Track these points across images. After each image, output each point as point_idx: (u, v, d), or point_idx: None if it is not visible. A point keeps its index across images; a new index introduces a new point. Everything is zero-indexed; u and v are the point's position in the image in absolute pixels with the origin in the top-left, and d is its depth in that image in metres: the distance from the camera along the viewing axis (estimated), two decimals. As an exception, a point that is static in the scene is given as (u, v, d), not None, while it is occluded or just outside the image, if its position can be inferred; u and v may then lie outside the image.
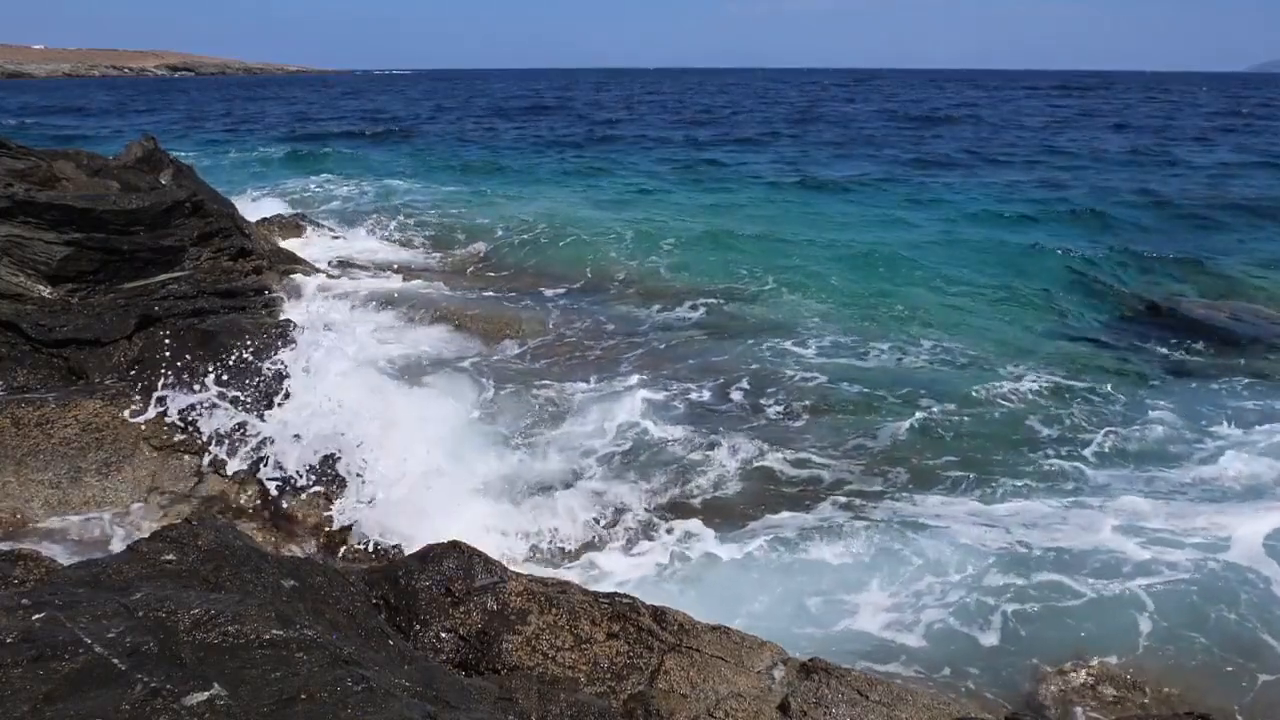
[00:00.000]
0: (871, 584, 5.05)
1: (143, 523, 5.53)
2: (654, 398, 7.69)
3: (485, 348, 8.80)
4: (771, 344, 9.09)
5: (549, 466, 6.48)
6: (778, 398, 7.73)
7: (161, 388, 6.20)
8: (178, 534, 3.48)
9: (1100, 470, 6.49)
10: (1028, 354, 9.03)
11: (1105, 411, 7.51)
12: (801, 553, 5.38)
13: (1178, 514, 5.80)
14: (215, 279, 8.02)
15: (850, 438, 7.02)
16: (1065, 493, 6.15)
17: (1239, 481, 6.30)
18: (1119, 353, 9.30)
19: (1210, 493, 6.16)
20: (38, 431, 5.87)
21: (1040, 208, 17.57)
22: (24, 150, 8.07)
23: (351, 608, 3.52)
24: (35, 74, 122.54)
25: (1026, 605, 4.83)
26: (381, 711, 2.51)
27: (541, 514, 5.86)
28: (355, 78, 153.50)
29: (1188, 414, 7.43)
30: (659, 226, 15.56)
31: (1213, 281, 11.75)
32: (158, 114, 48.41)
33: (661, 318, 10.16)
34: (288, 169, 23.23)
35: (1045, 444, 6.91)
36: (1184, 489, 6.22)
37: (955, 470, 6.51)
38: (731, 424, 7.27)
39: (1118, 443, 6.92)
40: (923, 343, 9.28)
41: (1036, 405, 7.64)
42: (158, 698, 2.44)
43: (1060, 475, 6.43)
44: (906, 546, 5.37)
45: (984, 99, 62.38)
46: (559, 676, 3.77)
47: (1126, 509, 5.87)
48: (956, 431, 7.13)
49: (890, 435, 7.02)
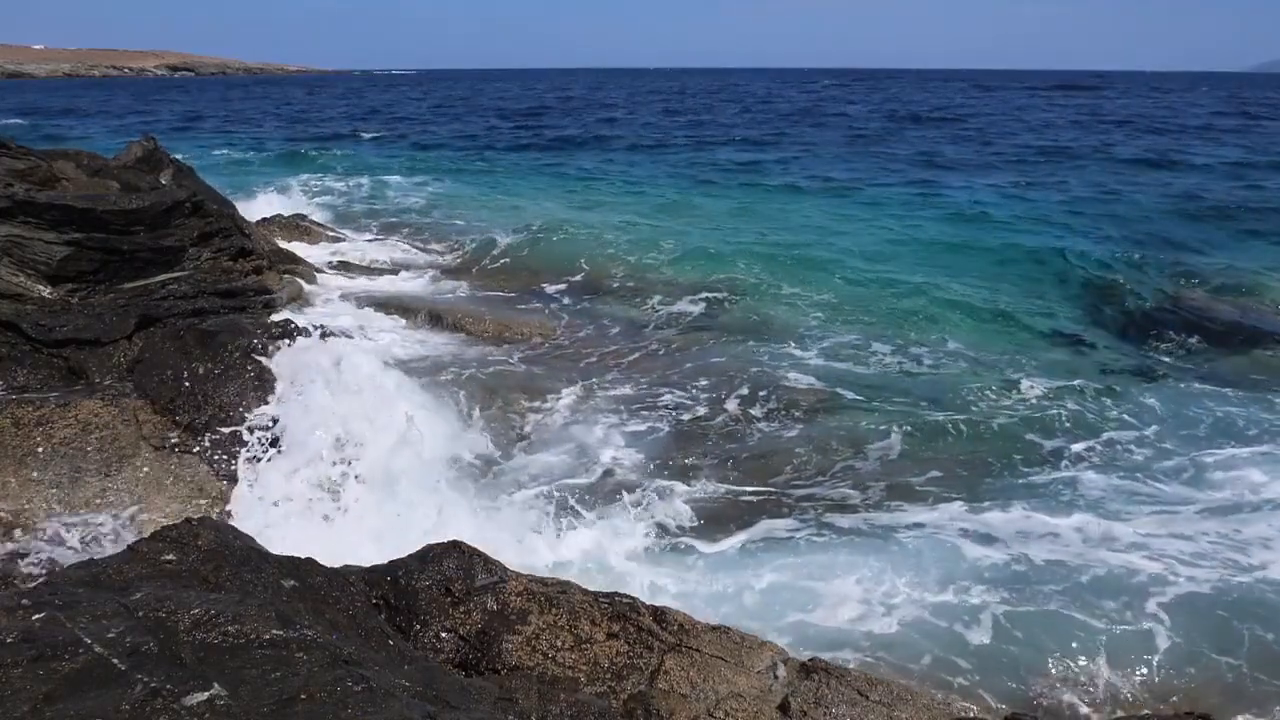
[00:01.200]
0: (865, 587, 5.04)
1: (143, 523, 5.53)
2: (652, 400, 7.69)
3: (482, 350, 8.79)
4: (770, 347, 9.08)
5: (533, 474, 6.43)
6: (771, 403, 7.68)
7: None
8: (178, 534, 3.49)
9: (1100, 476, 6.45)
10: (1030, 356, 9.01)
11: (1105, 415, 7.48)
12: (794, 555, 5.37)
13: (1178, 521, 5.80)
14: (215, 279, 8.01)
15: (846, 444, 6.95)
16: (1063, 499, 6.12)
17: (1239, 488, 6.28)
18: (1121, 354, 9.30)
19: (1210, 498, 6.14)
20: (38, 431, 5.87)
21: (1044, 208, 17.57)
22: (24, 150, 8.08)
23: (351, 608, 3.52)
24: (35, 74, 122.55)
25: (1024, 609, 4.83)
26: (381, 711, 2.51)
27: (527, 514, 5.85)
28: (355, 78, 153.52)
29: (1189, 418, 7.40)
30: (659, 226, 15.58)
31: (1228, 282, 11.68)
32: (157, 114, 48.43)
33: (660, 318, 10.15)
34: (287, 169, 23.23)
35: (1045, 450, 6.86)
36: (1186, 495, 6.21)
37: (951, 476, 6.45)
38: (725, 430, 7.24)
39: (1116, 448, 6.89)
40: (922, 345, 9.26)
41: (1039, 409, 7.58)
42: (158, 698, 2.44)
43: (1060, 482, 6.38)
44: (901, 551, 5.36)
45: (984, 99, 62.38)
46: (559, 676, 3.77)
47: (1128, 516, 5.87)
48: (957, 437, 7.09)
49: (889, 441, 6.96)
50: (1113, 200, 18.42)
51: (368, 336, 8.54)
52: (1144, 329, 10.01)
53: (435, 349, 8.68)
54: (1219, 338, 9.56)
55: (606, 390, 7.89)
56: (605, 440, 6.95)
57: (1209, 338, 9.57)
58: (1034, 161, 25.06)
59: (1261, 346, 9.27)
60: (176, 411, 6.28)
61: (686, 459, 6.70)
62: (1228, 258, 13.17)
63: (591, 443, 6.88)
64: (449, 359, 8.38)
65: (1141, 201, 18.27)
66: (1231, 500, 6.05)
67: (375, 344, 8.28)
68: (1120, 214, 16.90)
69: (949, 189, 20.03)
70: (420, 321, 9.49)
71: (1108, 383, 8.16)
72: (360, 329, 8.63)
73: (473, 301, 10.75)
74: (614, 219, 15.86)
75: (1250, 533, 5.56)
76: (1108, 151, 27.30)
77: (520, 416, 7.34)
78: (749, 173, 23.34)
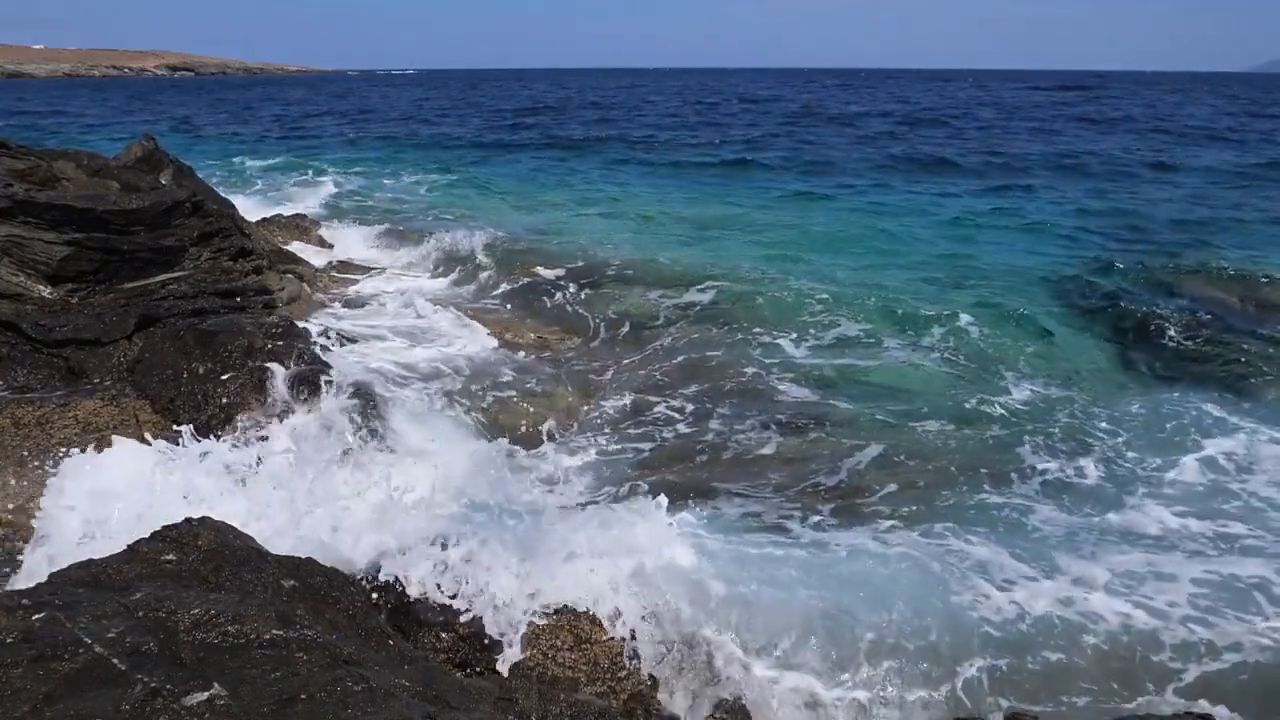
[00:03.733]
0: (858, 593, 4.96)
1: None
2: (653, 404, 7.68)
3: (480, 352, 8.79)
4: (762, 344, 9.10)
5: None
6: (760, 406, 7.62)
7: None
8: (178, 534, 3.49)
9: (1097, 484, 6.40)
10: (1032, 358, 8.98)
11: (1094, 425, 7.41)
12: (786, 558, 5.30)
13: (1177, 524, 5.80)
14: (215, 279, 8.02)
15: (840, 450, 6.84)
16: (1063, 505, 6.08)
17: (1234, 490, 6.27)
18: (1123, 356, 9.29)
19: (1207, 503, 6.13)
20: (38, 431, 5.87)
21: (1044, 208, 17.57)
22: (24, 150, 8.08)
23: (351, 608, 3.52)
24: (35, 74, 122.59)
25: (1027, 608, 4.81)
26: (381, 711, 2.51)
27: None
28: (356, 78, 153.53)
29: (1190, 423, 7.36)
30: (658, 226, 15.58)
31: (1237, 283, 11.64)
32: (157, 114, 48.41)
33: (658, 316, 10.13)
34: (286, 169, 23.23)
35: (1040, 458, 6.76)
36: (1187, 498, 6.20)
37: (940, 483, 6.35)
38: (719, 433, 7.19)
39: (1111, 453, 6.85)
40: (921, 345, 9.24)
41: (1036, 413, 7.56)
42: (158, 698, 2.44)
43: (1056, 488, 6.32)
44: (882, 564, 5.23)
45: (986, 99, 62.34)
46: (559, 676, 3.77)
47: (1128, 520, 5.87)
48: (956, 440, 7.02)
49: (874, 451, 6.81)
50: (1113, 202, 18.42)
51: (363, 339, 8.54)
52: (1152, 332, 9.92)
53: (433, 353, 8.64)
54: (1232, 340, 9.46)
55: (603, 396, 7.87)
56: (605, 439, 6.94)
57: (1218, 339, 9.48)
58: (1034, 162, 25.04)
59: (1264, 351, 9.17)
60: (176, 411, 6.28)
61: (686, 472, 6.58)
62: (1234, 253, 13.15)
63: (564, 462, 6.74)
64: (450, 359, 8.37)
65: (1143, 201, 18.26)
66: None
67: (380, 352, 8.26)
68: (1122, 213, 16.89)
69: (951, 190, 20.02)
70: (418, 319, 9.48)
71: (1102, 389, 8.15)
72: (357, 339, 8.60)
73: (469, 301, 10.75)
74: (613, 217, 15.87)
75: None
76: (1108, 151, 27.30)
77: (520, 418, 7.34)
78: (749, 172, 23.34)
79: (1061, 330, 10.03)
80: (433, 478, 5.56)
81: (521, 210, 17.19)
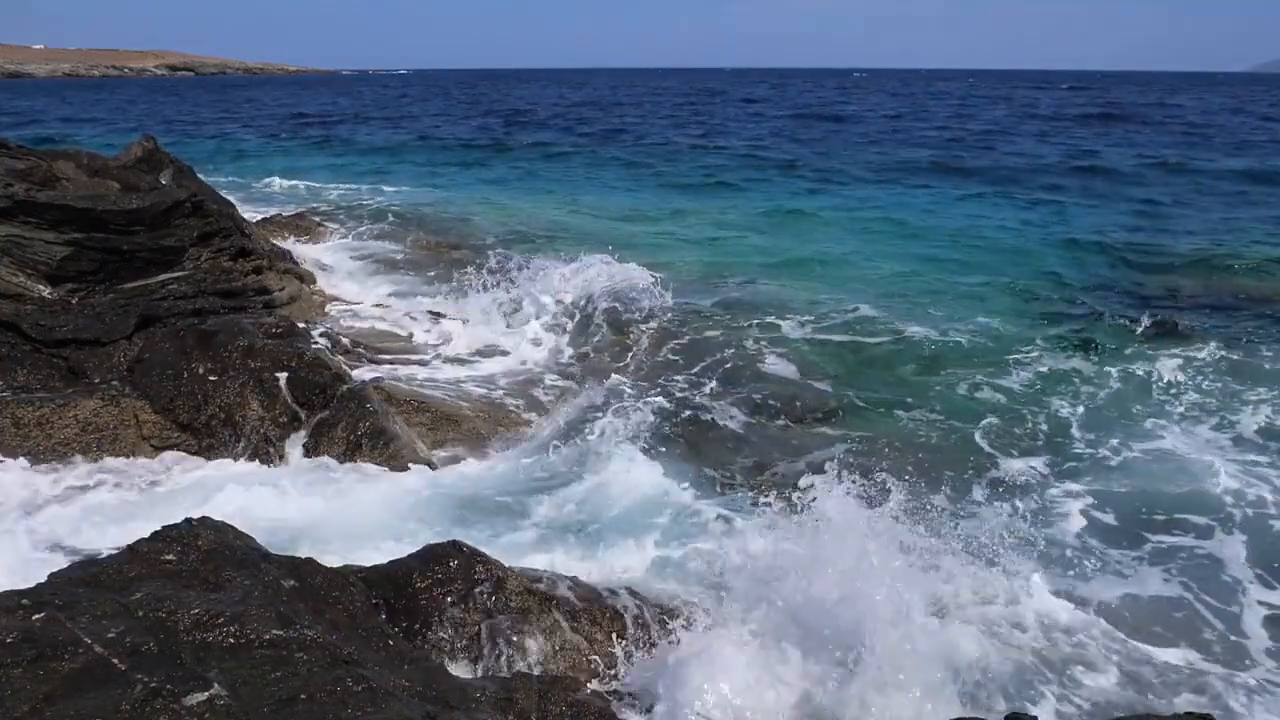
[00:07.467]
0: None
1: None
2: (651, 395, 7.69)
3: (477, 354, 8.80)
4: (755, 333, 9.16)
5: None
6: (750, 393, 7.71)
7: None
8: (178, 534, 3.48)
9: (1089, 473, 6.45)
10: (1031, 355, 8.99)
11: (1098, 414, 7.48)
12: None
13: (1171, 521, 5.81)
14: (215, 279, 8.01)
15: (836, 440, 6.94)
16: (1049, 500, 6.11)
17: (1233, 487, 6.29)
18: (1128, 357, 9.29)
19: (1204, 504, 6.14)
20: (38, 431, 5.87)
21: (1047, 209, 17.57)
22: (24, 150, 8.08)
23: (351, 608, 3.52)
24: (35, 74, 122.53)
25: (1025, 606, 4.81)
26: (381, 711, 2.51)
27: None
28: (356, 78, 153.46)
29: (1189, 415, 7.43)
30: (658, 224, 15.58)
31: (1242, 281, 11.67)
32: (157, 113, 48.40)
33: (657, 313, 10.13)
34: (286, 169, 23.19)
35: (1031, 452, 6.85)
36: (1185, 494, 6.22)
37: (931, 473, 6.41)
38: (712, 430, 7.21)
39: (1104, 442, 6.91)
40: (917, 342, 9.25)
41: (1030, 400, 7.67)
42: (158, 698, 2.44)
43: (1041, 479, 6.37)
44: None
45: (986, 99, 62.33)
46: (559, 676, 3.77)
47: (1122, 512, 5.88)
48: (952, 434, 7.09)
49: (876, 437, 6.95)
50: (1114, 202, 18.41)
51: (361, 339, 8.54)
52: (1156, 334, 9.91)
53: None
54: (1233, 339, 9.47)
55: (608, 390, 7.88)
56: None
57: (1221, 340, 9.49)
58: (1032, 164, 25.01)
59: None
60: (176, 411, 6.27)
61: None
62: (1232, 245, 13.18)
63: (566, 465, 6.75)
64: (448, 359, 8.37)
65: (1141, 204, 18.26)
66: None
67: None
68: (1120, 217, 16.89)
69: (953, 191, 20.02)
70: (416, 323, 9.49)
71: (1101, 375, 8.20)
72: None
73: (467, 301, 10.73)
74: (613, 215, 15.85)
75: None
76: (1108, 153, 27.28)
77: (519, 419, 7.34)
78: (750, 174, 23.33)
79: (1057, 327, 10.05)
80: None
81: (521, 209, 17.18)
